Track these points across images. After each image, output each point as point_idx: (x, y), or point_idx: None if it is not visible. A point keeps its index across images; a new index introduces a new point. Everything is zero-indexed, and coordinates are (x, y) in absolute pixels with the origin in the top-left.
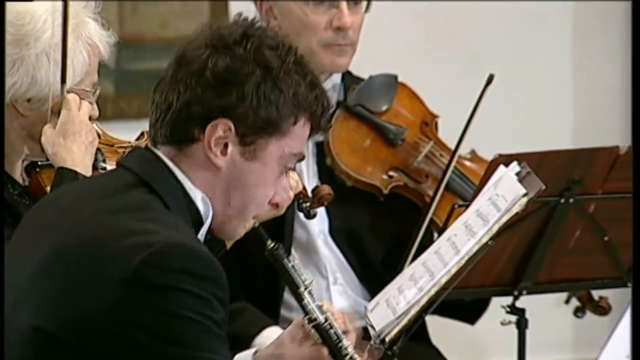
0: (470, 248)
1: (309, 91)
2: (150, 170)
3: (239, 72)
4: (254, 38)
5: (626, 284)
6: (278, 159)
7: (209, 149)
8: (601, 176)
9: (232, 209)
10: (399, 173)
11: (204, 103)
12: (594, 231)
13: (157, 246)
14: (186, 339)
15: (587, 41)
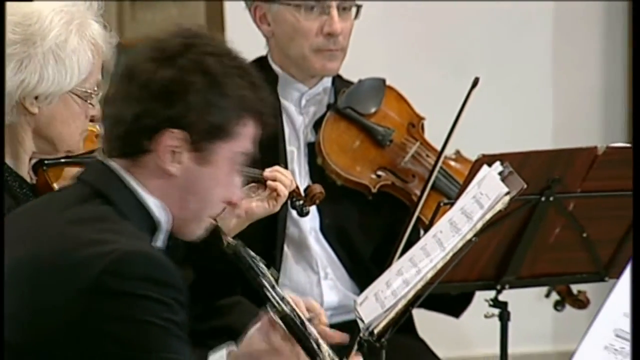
0: (455, 244)
1: (253, 93)
2: (105, 182)
3: (183, 82)
4: (195, 47)
5: (604, 279)
6: (229, 160)
7: (162, 158)
8: (580, 175)
9: (188, 213)
10: (387, 173)
11: (153, 115)
12: (573, 228)
13: (115, 255)
14: (149, 344)
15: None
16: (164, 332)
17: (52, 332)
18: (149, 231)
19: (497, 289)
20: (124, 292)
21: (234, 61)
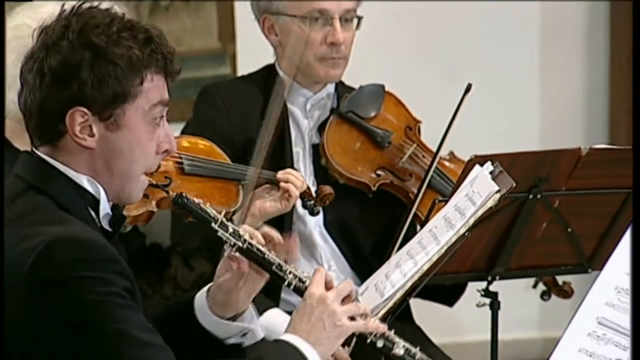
0: (449, 238)
1: (144, 49)
2: (35, 173)
3: (71, 62)
4: (73, 26)
5: (587, 271)
6: (141, 117)
7: (76, 136)
8: (565, 175)
9: (118, 176)
10: (386, 172)
11: (54, 100)
12: (558, 223)
13: (42, 246)
14: (95, 319)
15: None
16: (106, 305)
17: (11, 332)
18: (91, 205)
19: (488, 280)
20: (57, 279)
21: (116, 27)
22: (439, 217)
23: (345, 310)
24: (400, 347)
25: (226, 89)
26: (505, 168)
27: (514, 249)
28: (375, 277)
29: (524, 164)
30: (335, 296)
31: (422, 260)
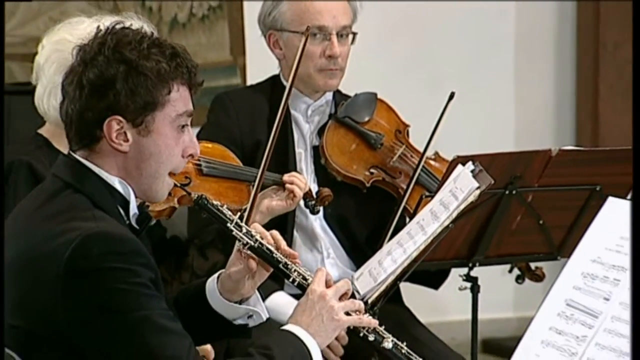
0: (435, 229)
1: (170, 62)
2: (72, 173)
3: (107, 75)
4: (109, 43)
5: (557, 258)
6: (169, 124)
7: (112, 141)
8: (537, 173)
9: (146, 177)
10: (378, 170)
11: (92, 109)
12: (531, 216)
13: (79, 240)
14: (123, 306)
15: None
16: (134, 294)
17: (47, 315)
18: (122, 204)
19: (469, 266)
20: (91, 269)
21: (146, 43)
22: (426, 210)
23: (342, 306)
24: (389, 341)
25: (237, 97)
26: (484, 167)
27: (492, 239)
28: (369, 263)
29: (501, 163)
30: (334, 294)
31: (410, 248)
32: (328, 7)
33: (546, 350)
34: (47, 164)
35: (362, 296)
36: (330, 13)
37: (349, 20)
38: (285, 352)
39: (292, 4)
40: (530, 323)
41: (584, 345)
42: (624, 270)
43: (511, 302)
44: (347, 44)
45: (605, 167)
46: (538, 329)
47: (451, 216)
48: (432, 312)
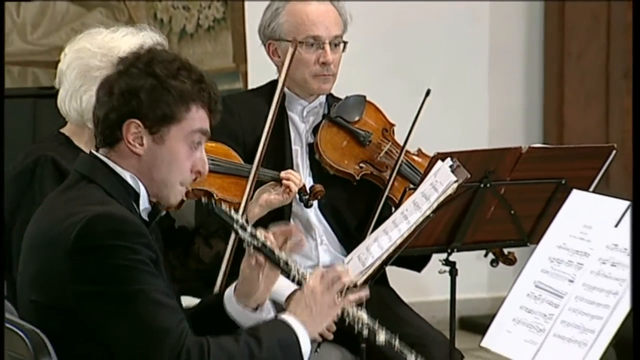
0: (417, 219)
1: (195, 86)
2: (88, 167)
3: (135, 84)
4: (144, 58)
5: (526, 244)
6: (183, 138)
7: (129, 142)
8: (509, 168)
9: (156, 182)
10: (367, 165)
11: (116, 111)
12: (504, 207)
13: (84, 221)
14: (121, 279)
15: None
16: (132, 270)
17: (59, 289)
18: (133, 197)
19: (448, 251)
20: (95, 246)
21: (177, 65)
22: (409, 201)
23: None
24: (382, 335)
25: (239, 99)
26: (462, 163)
27: (469, 227)
28: (358, 249)
29: (476, 159)
30: (324, 289)
31: (395, 236)
32: (322, 19)
33: (517, 327)
34: (70, 159)
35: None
36: (324, 24)
37: (340, 31)
38: (272, 335)
39: (289, 17)
40: (502, 302)
41: (551, 323)
42: (586, 255)
43: (486, 284)
44: (339, 52)
45: (570, 162)
46: (510, 308)
47: (432, 207)
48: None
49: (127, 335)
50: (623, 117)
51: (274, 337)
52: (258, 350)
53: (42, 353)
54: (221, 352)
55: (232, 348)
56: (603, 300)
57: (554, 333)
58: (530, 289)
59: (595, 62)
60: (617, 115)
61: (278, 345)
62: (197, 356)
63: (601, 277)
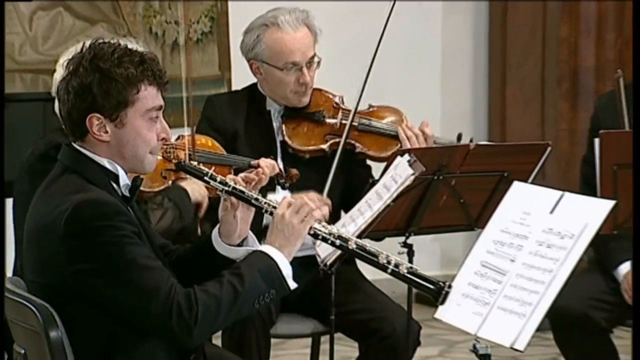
0: (380, 207)
1: (137, 67)
2: (69, 158)
3: (85, 82)
4: (87, 56)
5: (474, 229)
6: (140, 117)
7: (94, 134)
8: (459, 163)
9: (129, 159)
10: (331, 136)
11: (77, 109)
12: (454, 196)
13: (70, 209)
14: (111, 254)
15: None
16: (118, 244)
17: (57, 270)
18: (113, 179)
19: (406, 235)
20: (83, 230)
21: (118, 54)
22: (372, 192)
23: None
24: (352, 242)
25: (221, 97)
26: (418, 158)
27: (424, 214)
28: None
29: (430, 155)
30: (291, 212)
31: (360, 222)
32: (298, 46)
33: (466, 300)
34: None
35: (322, 259)
36: (300, 50)
37: (314, 50)
38: (252, 267)
39: (270, 44)
40: (453, 279)
41: (495, 297)
42: (525, 238)
43: (438, 263)
44: (314, 68)
45: (511, 158)
46: (459, 284)
47: (392, 196)
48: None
49: (125, 299)
50: (557, 118)
51: (253, 268)
52: (240, 286)
53: (51, 324)
54: (206, 295)
55: (216, 290)
56: (540, 277)
57: (497, 306)
58: (477, 268)
59: (532, 71)
60: (552, 117)
61: (259, 275)
62: (186, 305)
63: (538, 257)
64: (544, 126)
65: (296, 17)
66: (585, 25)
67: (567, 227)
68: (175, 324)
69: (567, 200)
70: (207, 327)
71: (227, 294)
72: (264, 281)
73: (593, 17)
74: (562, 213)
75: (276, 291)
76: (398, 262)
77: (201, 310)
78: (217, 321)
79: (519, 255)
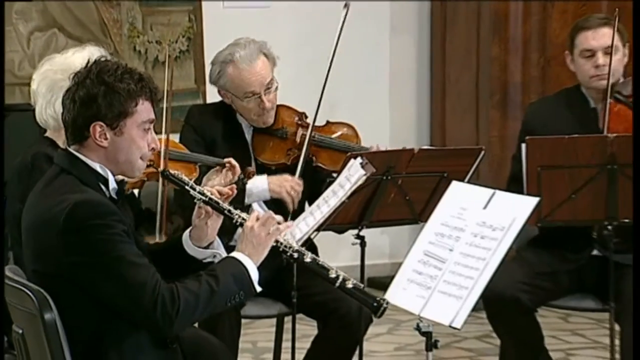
0: (336, 203)
1: (137, 84)
2: (65, 161)
3: (91, 93)
4: (94, 70)
5: (418, 222)
6: (136, 127)
7: (96, 139)
8: (405, 164)
9: (122, 163)
10: (293, 150)
11: (82, 116)
12: (401, 194)
13: (69, 207)
14: (103, 250)
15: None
16: (110, 241)
17: (55, 260)
18: (103, 182)
19: (359, 228)
20: (80, 227)
21: (121, 71)
22: (329, 190)
23: (265, 233)
24: (308, 257)
25: (203, 107)
26: (369, 160)
27: (374, 209)
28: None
29: (380, 158)
30: (259, 225)
31: (319, 216)
32: (255, 77)
33: (411, 285)
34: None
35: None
36: (258, 81)
37: (272, 75)
38: (226, 271)
39: (230, 78)
40: (400, 267)
41: (436, 282)
42: (462, 230)
43: (387, 252)
44: (273, 90)
45: (450, 160)
46: (405, 270)
47: (346, 194)
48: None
49: (114, 292)
50: (489, 126)
51: (227, 272)
52: (216, 286)
53: (45, 307)
54: (187, 292)
55: (196, 288)
56: (475, 264)
57: (438, 290)
58: (421, 256)
59: (468, 85)
60: (485, 125)
61: (232, 278)
62: (169, 299)
63: (473, 247)
64: (478, 133)
65: (252, 50)
66: (513, 46)
67: (498, 220)
68: (160, 315)
69: (498, 197)
70: (186, 320)
71: (205, 292)
72: (235, 284)
73: (519, 39)
74: (494, 208)
75: (245, 293)
76: (345, 278)
77: (182, 305)
78: (195, 315)
79: (456, 245)
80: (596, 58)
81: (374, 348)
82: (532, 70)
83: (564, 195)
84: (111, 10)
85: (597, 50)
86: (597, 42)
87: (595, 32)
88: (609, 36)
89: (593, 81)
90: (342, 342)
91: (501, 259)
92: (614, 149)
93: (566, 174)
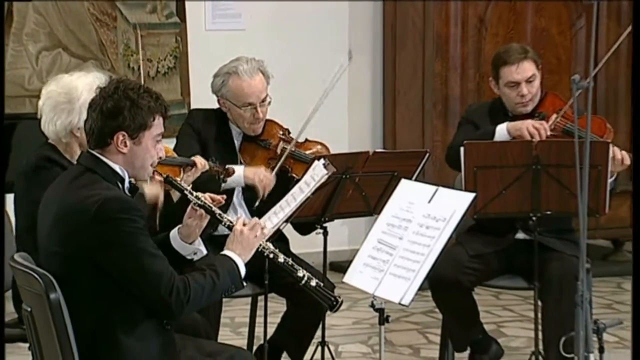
0: (302, 199)
1: (155, 102)
2: (90, 162)
3: (118, 106)
4: (120, 87)
5: (372, 215)
6: (151, 139)
7: (118, 146)
8: (362, 165)
9: (136, 168)
10: (272, 160)
11: (108, 126)
12: (358, 190)
13: (100, 200)
14: (127, 241)
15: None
16: (134, 234)
17: (82, 244)
18: (120, 181)
19: (322, 220)
20: (108, 219)
21: (142, 89)
22: (296, 187)
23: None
24: (281, 258)
25: (200, 112)
26: (331, 162)
27: (335, 204)
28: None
29: (340, 159)
30: (248, 229)
31: (287, 209)
32: (253, 91)
33: (366, 268)
34: (57, 157)
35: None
36: (255, 94)
37: (267, 90)
38: (223, 267)
39: (232, 88)
40: (357, 252)
41: (387, 266)
42: (410, 221)
43: (346, 240)
44: (266, 105)
45: (400, 161)
46: (361, 256)
47: (311, 190)
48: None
49: (136, 278)
50: (433, 132)
51: (224, 267)
52: (217, 279)
53: (51, 288)
54: (196, 284)
55: (202, 280)
56: (421, 250)
57: (389, 272)
58: (374, 244)
59: (415, 97)
60: (429, 131)
61: (227, 274)
62: (182, 289)
63: (419, 236)
64: (423, 138)
65: (252, 66)
66: (452, 64)
67: (441, 213)
68: (174, 301)
69: (440, 193)
70: (194, 306)
71: (209, 284)
72: (230, 277)
73: (458, 58)
74: (437, 203)
75: (235, 287)
76: (309, 277)
77: (192, 294)
78: (200, 303)
79: (405, 234)
80: (520, 88)
81: (335, 322)
82: (469, 84)
83: (495, 191)
84: (109, 32)
85: (520, 82)
86: (520, 76)
87: (518, 67)
88: (530, 69)
89: (518, 107)
90: (307, 317)
91: (443, 246)
92: (537, 152)
93: (498, 173)
